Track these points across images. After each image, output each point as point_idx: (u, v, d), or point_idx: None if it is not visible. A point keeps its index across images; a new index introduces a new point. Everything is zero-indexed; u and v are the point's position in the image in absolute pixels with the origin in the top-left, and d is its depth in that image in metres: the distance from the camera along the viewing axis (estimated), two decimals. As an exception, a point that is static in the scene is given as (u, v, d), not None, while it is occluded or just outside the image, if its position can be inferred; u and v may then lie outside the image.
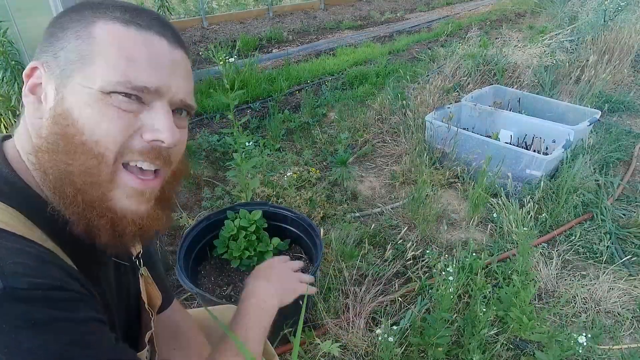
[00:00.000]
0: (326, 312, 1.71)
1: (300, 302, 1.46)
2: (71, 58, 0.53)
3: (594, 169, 2.55)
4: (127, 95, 0.53)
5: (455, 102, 3.25)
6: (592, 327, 1.72)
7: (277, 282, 0.87)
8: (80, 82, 0.52)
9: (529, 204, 2.13)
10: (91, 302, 0.52)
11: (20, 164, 0.55)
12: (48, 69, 0.54)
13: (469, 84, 3.78)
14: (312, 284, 0.95)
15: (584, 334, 1.32)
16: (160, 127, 0.55)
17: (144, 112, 0.55)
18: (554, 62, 4.03)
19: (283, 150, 3.00)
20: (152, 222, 0.59)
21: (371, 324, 1.71)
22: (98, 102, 0.52)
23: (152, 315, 0.78)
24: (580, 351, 1.33)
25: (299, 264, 0.97)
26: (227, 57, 1.68)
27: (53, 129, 0.52)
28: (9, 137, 0.59)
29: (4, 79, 2.56)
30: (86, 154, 0.52)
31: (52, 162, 0.52)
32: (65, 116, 0.52)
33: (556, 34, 4.80)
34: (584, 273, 1.99)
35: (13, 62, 2.57)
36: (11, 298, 0.43)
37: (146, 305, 0.77)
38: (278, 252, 1.81)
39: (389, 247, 1.99)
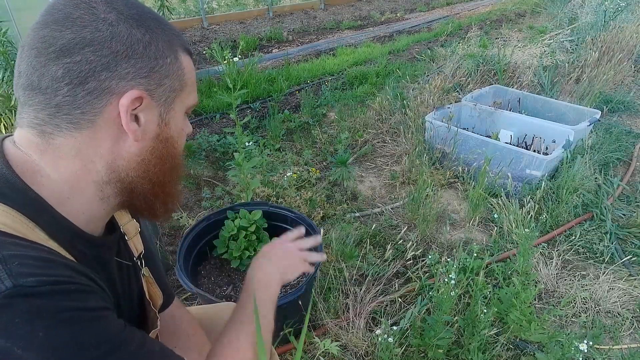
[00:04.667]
0: (326, 312, 1.71)
1: (300, 302, 1.46)
2: (175, 86, 0.60)
3: (594, 169, 2.54)
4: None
5: (455, 102, 3.25)
6: (592, 327, 1.72)
7: (278, 260, 0.89)
8: (178, 108, 0.62)
9: (529, 204, 2.13)
10: (98, 293, 0.54)
11: (24, 165, 0.54)
12: (151, 96, 0.57)
13: (469, 84, 3.78)
14: (318, 262, 1.00)
15: (585, 341, 1.32)
16: (188, 125, 0.69)
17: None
18: (554, 62, 4.03)
19: (283, 150, 3.00)
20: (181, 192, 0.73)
21: (371, 324, 1.71)
22: (183, 123, 0.65)
23: (157, 314, 0.79)
24: (581, 358, 1.33)
25: (308, 242, 0.98)
26: (231, 57, 1.68)
27: (156, 150, 0.61)
28: (7, 136, 0.59)
29: (4, 78, 2.56)
30: (176, 163, 0.65)
31: (157, 175, 0.63)
32: (167, 138, 0.62)
33: (556, 34, 4.81)
34: (584, 273, 1.99)
35: (13, 62, 2.57)
36: (22, 295, 0.44)
37: (151, 305, 0.77)
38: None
39: (389, 247, 1.99)
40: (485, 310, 1.48)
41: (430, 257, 1.80)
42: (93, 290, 0.52)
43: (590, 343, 1.36)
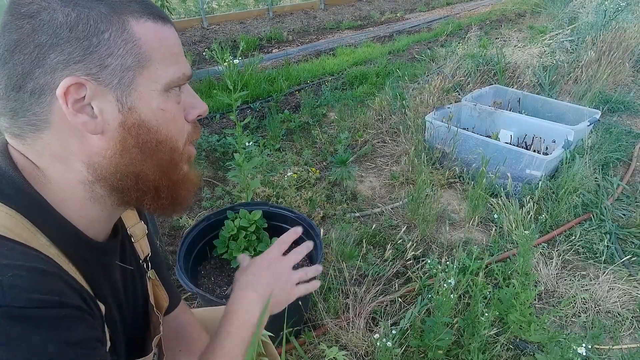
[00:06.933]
0: (326, 312, 1.71)
1: (300, 303, 1.45)
2: (128, 64, 0.51)
3: (593, 169, 2.55)
4: (178, 87, 0.57)
5: (455, 102, 3.25)
6: (592, 327, 1.72)
7: (265, 288, 0.78)
8: (145, 87, 0.53)
9: (529, 204, 2.13)
10: (89, 319, 0.51)
11: (29, 167, 0.53)
12: (97, 80, 0.50)
13: (469, 84, 3.78)
14: (315, 277, 0.87)
15: (584, 345, 1.32)
16: (196, 103, 0.61)
17: (182, 96, 0.59)
18: (554, 62, 4.03)
19: (283, 150, 3.00)
20: (199, 174, 0.66)
21: (371, 324, 1.71)
22: (166, 102, 0.55)
23: (160, 319, 0.77)
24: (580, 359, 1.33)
25: (297, 256, 0.85)
26: (231, 58, 1.67)
27: (128, 141, 0.53)
28: None
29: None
30: (162, 150, 0.56)
31: (144, 168, 0.55)
32: (140, 125, 0.53)
33: (556, 34, 4.80)
34: (584, 273, 1.99)
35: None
36: (9, 316, 0.42)
37: (155, 309, 0.76)
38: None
39: (388, 247, 1.99)
40: (485, 312, 1.48)
41: (430, 260, 1.80)
42: (83, 317, 0.49)
43: (589, 347, 1.36)
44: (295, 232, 0.87)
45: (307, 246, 0.88)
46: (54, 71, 0.48)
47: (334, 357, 1.34)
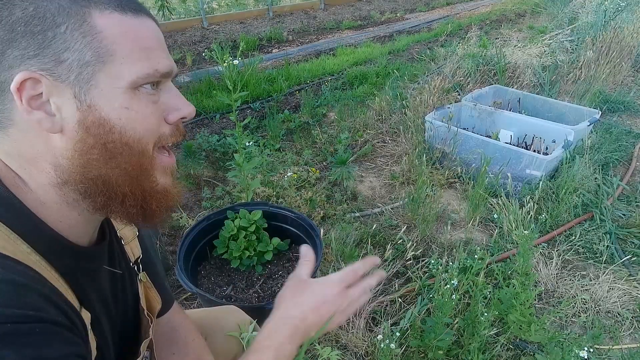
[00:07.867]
0: (326, 312, 1.70)
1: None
2: (86, 59, 0.48)
3: (594, 169, 2.54)
4: (152, 85, 0.53)
5: (455, 102, 3.25)
6: (592, 327, 1.72)
7: (316, 327, 0.70)
8: (107, 84, 0.50)
9: (529, 204, 2.13)
10: (68, 334, 0.49)
11: (7, 172, 0.52)
12: (52, 76, 0.48)
13: (469, 84, 3.78)
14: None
15: (586, 348, 1.32)
16: (180, 105, 0.57)
17: (159, 96, 0.56)
18: (554, 62, 4.03)
19: (283, 151, 3.00)
20: (180, 191, 0.62)
21: (371, 324, 1.71)
22: (132, 101, 0.51)
23: (151, 322, 0.76)
24: None
25: (365, 297, 0.76)
26: (231, 59, 1.67)
27: (87, 141, 0.50)
28: None
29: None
30: (128, 153, 0.53)
31: (105, 172, 0.52)
32: (100, 124, 0.50)
33: (556, 34, 4.81)
34: (584, 273, 1.99)
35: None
36: None
37: (145, 312, 0.75)
38: (278, 252, 1.81)
39: (389, 247, 1.99)
40: (485, 312, 1.48)
41: (432, 261, 1.79)
42: (61, 332, 0.47)
43: (591, 350, 1.36)
44: (373, 262, 0.78)
45: (381, 275, 0.80)
46: (11, 67, 0.47)
47: (327, 357, 1.34)
